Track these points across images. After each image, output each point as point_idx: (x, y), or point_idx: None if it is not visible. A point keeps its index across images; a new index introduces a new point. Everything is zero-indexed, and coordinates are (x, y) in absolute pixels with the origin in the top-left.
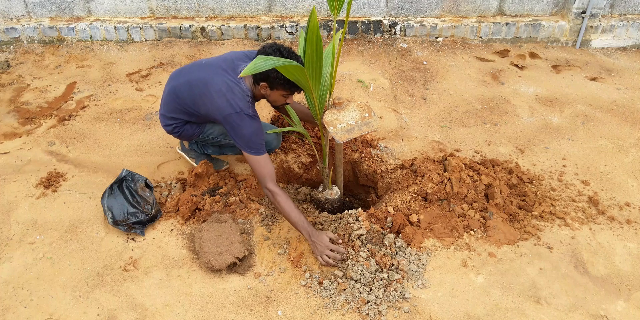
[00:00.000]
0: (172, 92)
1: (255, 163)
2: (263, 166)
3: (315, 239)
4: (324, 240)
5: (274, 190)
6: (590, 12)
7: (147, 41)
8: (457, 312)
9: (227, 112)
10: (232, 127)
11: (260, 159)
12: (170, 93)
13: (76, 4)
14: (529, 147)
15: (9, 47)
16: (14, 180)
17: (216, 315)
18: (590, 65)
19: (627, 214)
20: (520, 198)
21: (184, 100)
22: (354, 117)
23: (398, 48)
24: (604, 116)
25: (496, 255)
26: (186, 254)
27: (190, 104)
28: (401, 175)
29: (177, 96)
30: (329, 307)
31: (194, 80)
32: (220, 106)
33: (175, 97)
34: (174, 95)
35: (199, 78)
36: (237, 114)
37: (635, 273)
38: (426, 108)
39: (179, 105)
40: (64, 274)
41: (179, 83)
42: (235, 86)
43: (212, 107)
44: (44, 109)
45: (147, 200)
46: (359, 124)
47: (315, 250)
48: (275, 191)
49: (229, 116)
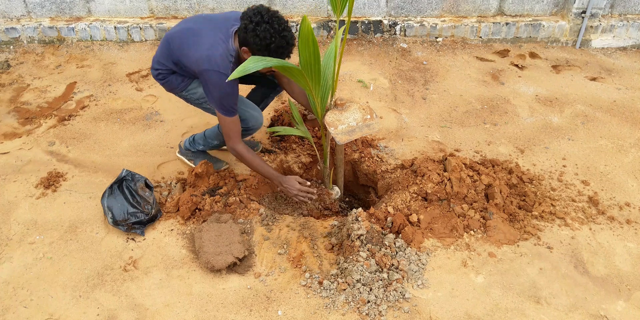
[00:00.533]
0: (167, 38)
1: (222, 122)
2: (230, 127)
3: (286, 184)
4: (295, 184)
5: (240, 150)
6: (590, 12)
7: (147, 41)
8: (457, 312)
9: (203, 67)
10: (207, 83)
11: (228, 120)
12: (166, 38)
13: (76, 4)
14: (529, 147)
15: (9, 47)
16: (14, 180)
17: (216, 315)
18: (590, 65)
19: (627, 214)
20: (520, 198)
21: (173, 48)
22: (355, 119)
23: (398, 48)
24: (604, 116)
25: (496, 255)
26: (186, 254)
27: (177, 53)
28: (401, 175)
29: (168, 43)
30: (329, 307)
31: (187, 30)
32: (199, 59)
33: (167, 44)
34: (166, 42)
35: (193, 28)
36: (214, 72)
37: (635, 273)
38: (426, 108)
39: (167, 51)
40: (64, 274)
41: (176, 30)
42: (220, 44)
43: (192, 59)
44: (44, 109)
45: (147, 200)
46: (361, 125)
47: (289, 193)
48: (240, 151)
49: (205, 72)
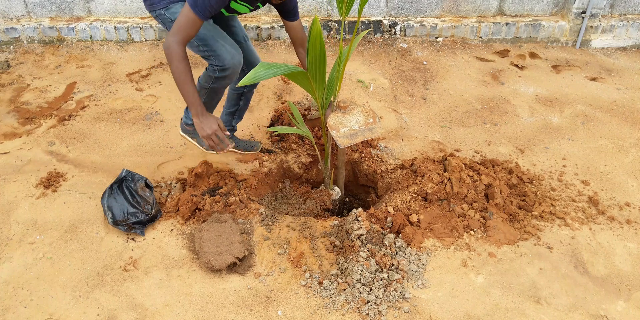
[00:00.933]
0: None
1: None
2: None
3: (203, 119)
4: (213, 124)
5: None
6: (590, 12)
7: (147, 41)
8: (457, 312)
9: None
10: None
11: (192, 16)
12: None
13: (76, 4)
14: (529, 147)
15: (9, 47)
16: (14, 180)
17: (216, 315)
18: (590, 65)
19: (627, 214)
20: (520, 198)
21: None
22: (358, 122)
23: (398, 48)
24: (604, 116)
25: (496, 255)
26: (186, 254)
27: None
28: (401, 175)
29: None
30: (329, 307)
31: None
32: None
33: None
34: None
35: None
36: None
37: (635, 273)
38: (426, 108)
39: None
40: (64, 274)
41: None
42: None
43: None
44: (44, 109)
45: (147, 200)
46: (363, 129)
47: (200, 130)
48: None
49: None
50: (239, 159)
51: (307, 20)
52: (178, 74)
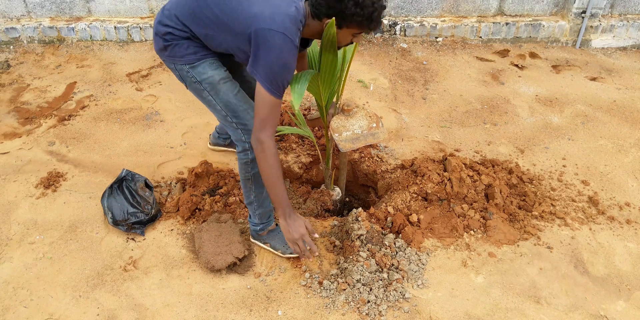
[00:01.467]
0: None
1: (262, 102)
2: (271, 110)
3: (290, 221)
4: (301, 228)
5: (267, 143)
6: (590, 12)
7: (147, 41)
8: (457, 312)
9: (266, 25)
10: (264, 45)
11: (273, 100)
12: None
13: (76, 4)
14: (529, 147)
15: (9, 47)
16: (14, 180)
17: (216, 315)
18: (590, 65)
19: (627, 214)
20: (520, 198)
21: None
22: (360, 126)
23: (398, 48)
24: (604, 116)
25: (496, 255)
26: (186, 254)
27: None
28: (401, 175)
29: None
30: (329, 307)
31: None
32: (259, 15)
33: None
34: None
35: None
36: (279, 34)
37: (635, 273)
38: (426, 108)
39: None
40: (64, 274)
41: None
42: (291, 3)
43: (248, 14)
44: (44, 109)
45: (147, 200)
46: (365, 133)
47: (287, 234)
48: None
49: (267, 31)
50: None
51: None
52: (271, 173)
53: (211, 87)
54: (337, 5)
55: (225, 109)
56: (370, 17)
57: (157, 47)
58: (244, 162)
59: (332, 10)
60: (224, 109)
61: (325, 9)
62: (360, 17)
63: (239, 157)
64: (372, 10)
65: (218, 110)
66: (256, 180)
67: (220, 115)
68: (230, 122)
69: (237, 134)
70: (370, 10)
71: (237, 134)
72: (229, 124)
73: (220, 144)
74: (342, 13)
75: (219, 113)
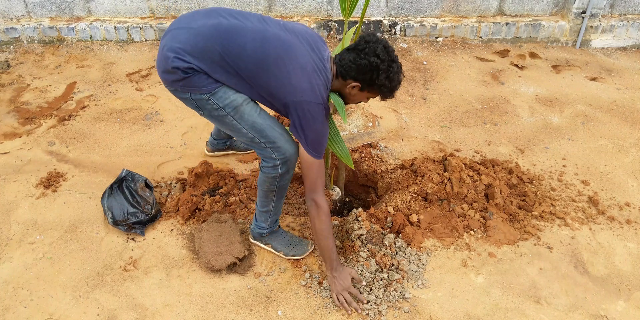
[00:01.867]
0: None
1: (309, 166)
2: (319, 171)
3: (337, 274)
4: (346, 280)
5: (320, 204)
6: (590, 12)
7: (147, 41)
8: (457, 312)
9: (305, 98)
10: (305, 117)
11: (317, 163)
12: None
13: (76, 4)
14: (529, 147)
15: (9, 47)
16: (14, 180)
17: (216, 315)
18: (590, 65)
19: (627, 214)
20: (520, 198)
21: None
22: (357, 126)
23: (398, 48)
24: (604, 116)
25: (496, 255)
26: (186, 254)
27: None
28: (401, 175)
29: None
30: (329, 307)
31: (271, 37)
32: (298, 87)
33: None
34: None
35: (279, 37)
36: (317, 105)
37: (635, 273)
38: (426, 108)
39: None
40: (64, 274)
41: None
42: (322, 71)
43: (285, 84)
44: (44, 109)
45: (147, 200)
46: (362, 133)
47: (333, 286)
48: (321, 205)
49: (307, 104)
50: (239, 159)
51: (307, 20)
52: (323, 229)
53: (235, 111)
54: (369, 74)
55: (251, 130)
56: (393, 90)
57: (171, 78)
58: (272, 176)
59: (362, 76)
60: (250, 131)
61: (354, 72)
62: (386, 89)
63: (266, 171)
64: (396, 84)
65: (244, 134)
66: (279, 192)
67: (247, 138)
68: (258, 143)
69: (267, 152)
70: (395, 84)
71: (267, 152)
72: (256, 144)
73: (221, 149)
74: (370, 80)
75: (245, 136)
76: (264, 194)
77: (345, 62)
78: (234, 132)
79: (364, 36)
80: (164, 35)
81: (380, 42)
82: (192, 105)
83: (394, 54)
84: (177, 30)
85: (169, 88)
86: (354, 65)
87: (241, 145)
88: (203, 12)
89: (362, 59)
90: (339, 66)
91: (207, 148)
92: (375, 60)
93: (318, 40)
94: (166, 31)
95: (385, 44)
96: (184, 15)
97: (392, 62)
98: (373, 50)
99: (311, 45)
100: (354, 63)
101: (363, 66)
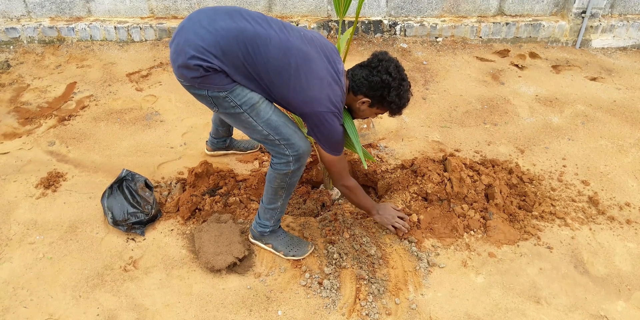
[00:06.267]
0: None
1: (332, 162)
2: (342, 165)
3: (381, 212)
4: (391, 211)
5: (352, 186)
6: (590, 12)
7: (147, 41)
8: (457, 312)
9: (324, 108)
10: (323, 126)
11: (338, 158)
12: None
13: (76, 4)
14: (529, 147)
15: (9, 47)
16: (14, 180)
17: (216, 315)
18: (590, 65)
19: (627, 214)
20: (520, 198)
21: (263, 61)
22: None
23: (398, 48)
24: (604, 116)
25: (496, 255)
26: (186, 254)
27: (269, 70)
28: (401, 175)
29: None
30: (329, 307)
31: (293, 48)
32: (315, 98)
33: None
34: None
35: (300, 49)
36: (333, 115)
37: (635, 273)
38: (426, 108)
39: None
40: (64, 274)
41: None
42: (338, 83)
43: (303, 95)
44: (44, 109)
45: (147, 200)
46: None
47: (385, 221)
48: (353, 186)
49: (324, 114)
50: (239, 159)
51: (307, 20)
52: (360, 197)
53: (251, 108)
54: (380, 91)
55: (267, 127)
56: (401, 107)
57: (190, 74)
58: (284, 173)
59: (373, 92)
60: (265, 128)
61: (366, 89)
62: (395, 106)
63: (278, 168)
64: (405, 102)
65: (259, 131)
66: (289, 189)
67: (261, 135)
68: (272, 140)
69: (280, 148)
70: (404, 102)
71: (280, 148)
72: (270, 141)
73: (221, 148)
74: (381, 97)
75: (259, 133)
76: (273, 191)
77: (357, 78)
78: (248, 129)
79: (377, 54)
80: (181, 29)
81: (392, 61)
82: (207, 102)
83: (404, 73)
84: (200, 28)
85: (183, 83)
86: (366, 81)
87: (241, 145)
88: (224, 10)
89: (374, 76)
90: (351, 81)
91: (207, 147)
92: (387, 78)
93: (333, 52)
94: (183, 25)
95: (397, 63)
96: (202, 10)
97: (403, 80)
98: (385, 68)
99: (328, 58)
100: (366, 79)
101: (375, 83)
